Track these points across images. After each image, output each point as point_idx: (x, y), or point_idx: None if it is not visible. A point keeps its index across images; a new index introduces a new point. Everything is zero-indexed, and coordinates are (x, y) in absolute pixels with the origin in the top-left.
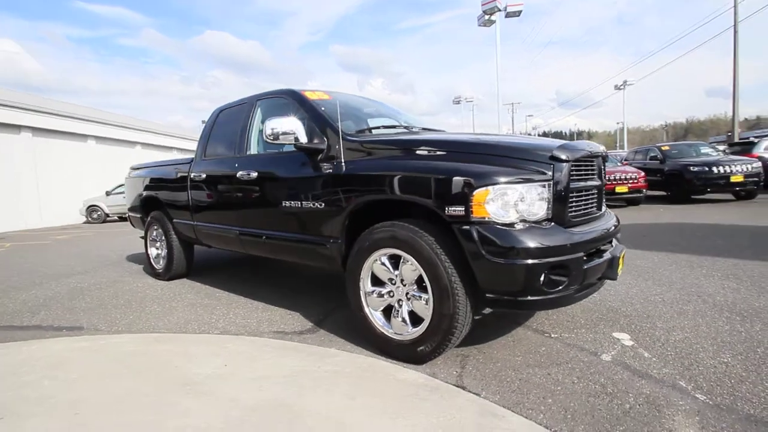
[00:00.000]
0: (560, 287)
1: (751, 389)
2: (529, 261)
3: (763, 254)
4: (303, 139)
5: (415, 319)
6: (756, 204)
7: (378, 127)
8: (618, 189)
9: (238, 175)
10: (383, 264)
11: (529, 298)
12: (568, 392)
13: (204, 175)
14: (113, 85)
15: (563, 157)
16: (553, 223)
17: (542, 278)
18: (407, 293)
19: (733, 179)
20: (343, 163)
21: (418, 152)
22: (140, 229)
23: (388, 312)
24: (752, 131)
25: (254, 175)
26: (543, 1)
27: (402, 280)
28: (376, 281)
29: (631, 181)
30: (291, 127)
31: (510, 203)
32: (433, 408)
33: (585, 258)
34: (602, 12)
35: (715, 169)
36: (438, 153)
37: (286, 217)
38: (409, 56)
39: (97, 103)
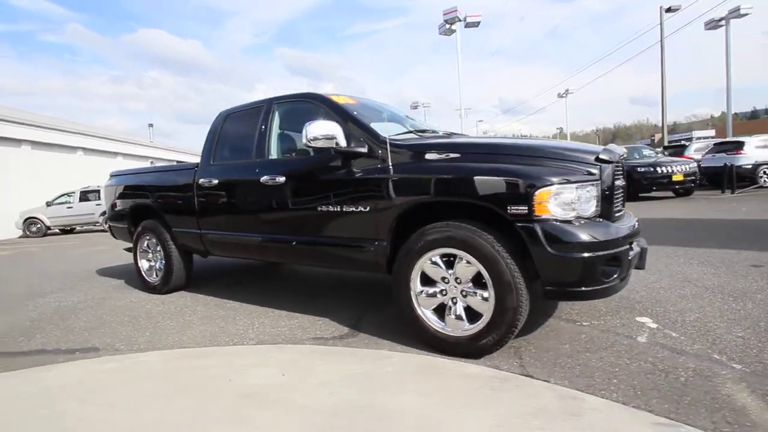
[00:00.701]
0: (613, 277)
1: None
2: (589, 254)
3: (724, 243)
4: (343, 143)
5: (472, 315)
6: (693, 200)
7: (411, 131)
8: (675, 178)
9: (261, 181)
10: (436, 264)
11: (586, 288)
12: (626, 372)
13: (216, 182)
14: (35, 84)
15: (607, 158)
16: (602, 219)
17: (599, 269)
18: (462, 291)
19: (674, 178)
20: (390, 167)
21: (472, 156)
22: (124, 241)
23: (438, 310)
24: (672, 135)
25: (281, 179)
26: (486, 16)
27: (456, 279)
28: (426, 281)
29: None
30: (331, 131)
31: (567, 201)
32: (512, 397)
33: (629, 249)
34: (539, 27)
35: (659, 170)
36: (493, 156)
37: (322, 222)
38: (358, 62)
39: (17, 104)
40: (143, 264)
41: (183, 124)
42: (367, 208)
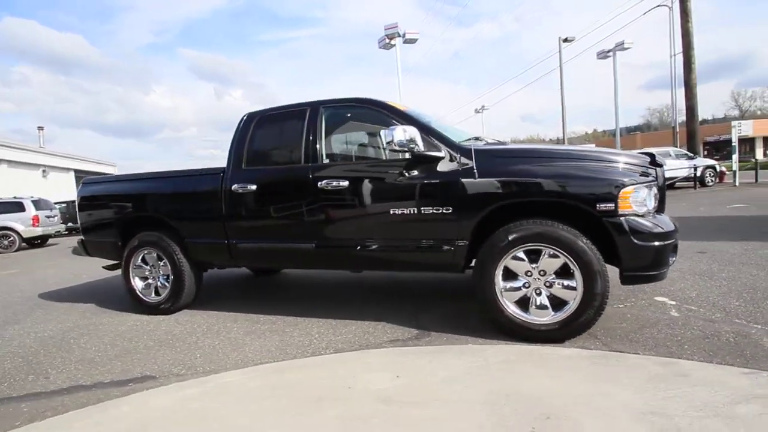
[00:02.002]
0: (672, 261)
1: None
2: (661, 242)
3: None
4: (422, 147)
5: (555, 303)
6: None
7: (470, 139)
8: None
9: (319, 185)
10: (519, 258)
11: (656, 272)
12: (689, 339)
13: (253, 187)
14: None
15: (659, 162)
16: (660, 213)
17: (667, 255)
18: (546, 282)
19: None
20: (476, 171)
21: (550, 160)
22: (103, 258)
23: (519, 302)
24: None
25: (344, 183)
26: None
27: (540, 271)
28: (507, 275)
29: None
30: (412, 135)
31: (641, 199)
32: (623, 369)
33: None
34: (445, 48)
35: None
36: (567, 160)
37: (395, 225)
38: (270, 69)
39: None
40: (137, 283)
41: (67, 129)
42: (450, 210)
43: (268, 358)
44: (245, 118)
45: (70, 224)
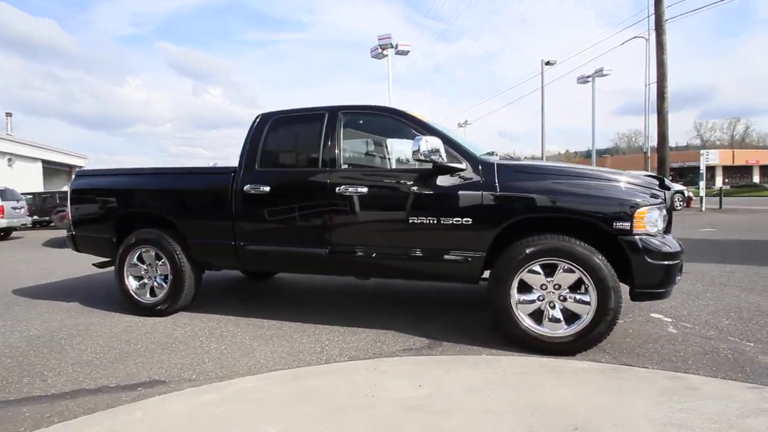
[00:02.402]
0: (678, 279)
1: (765, 335)
2: (671, 262)
3: None
4: (445, 158)
5: (568, 317)
6: None
7: (486, 153)
8: None
9: (337, 191)
10: (535, 272)
11: (664, 289)
12: (691, 355)
13: (266, 189)
14: None
15: (667, 185)
16: (667, 234)
17: (675, 273)
18: (560, 296)
19: None
20: (497, 184)
21: (565, 178)
22: (94, 255)
23: (532, 315)
24: None
25: (363, 190)
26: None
27: (555, 285)
28: (523, 288)
29: None
30: (437, 146)
31: (653, 220)
32: (636, 383)
33: None
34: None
35: None
36: (581, 179)
37: (414, 234)
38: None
39: None
40: (131, 283)
41: (33, 117)
42: (469, 222)
43: (281, 364)
44: (259, 118)
45: (35, 217)
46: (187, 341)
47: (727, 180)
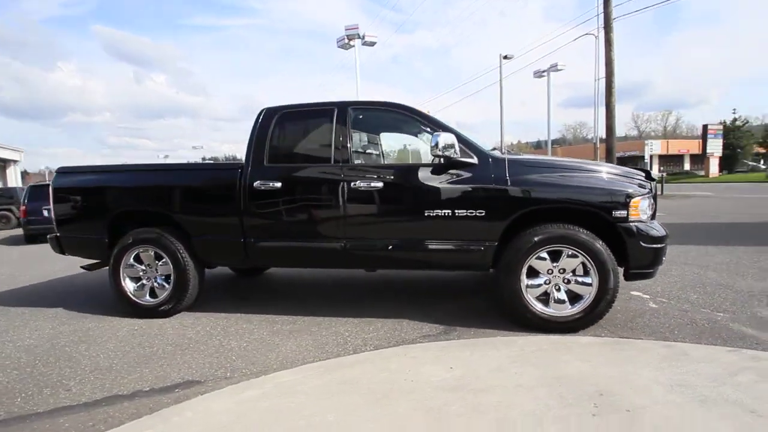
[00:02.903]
0: (663, 260)
1: (729, 306)
2: (660, 245)
3: None
4: (458, 153)
5: (571, 298)
6: None
7: (494, 149)
8: None
9: (353, 185)
10: (542, 258)
11: (653, 269)
12: (676, 326)
13: (278, 185)
14: None
15: (652, 177)
16: (653, 220)
17: (662, 255)
18: (564, 279)
19: None
20: (508, 178)
21: (566, 171)
22: (85, 257)
23: (539, 297)
24: None
25: (379, 185)
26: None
27: (560, 269)
28: (530, 273)
29: None
30: (452, 142)
31: (644, 207)
32: (637, 352)
33: None
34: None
35: None
36: (580, 172)
37: (430, 226)
38: (200, 56)
39: None
40: (128, 285)
41: None
42: (482, 213)
43: (309, 357)
44: (264, 113)
45: None
46: (204, 341)
47: (662, 168)
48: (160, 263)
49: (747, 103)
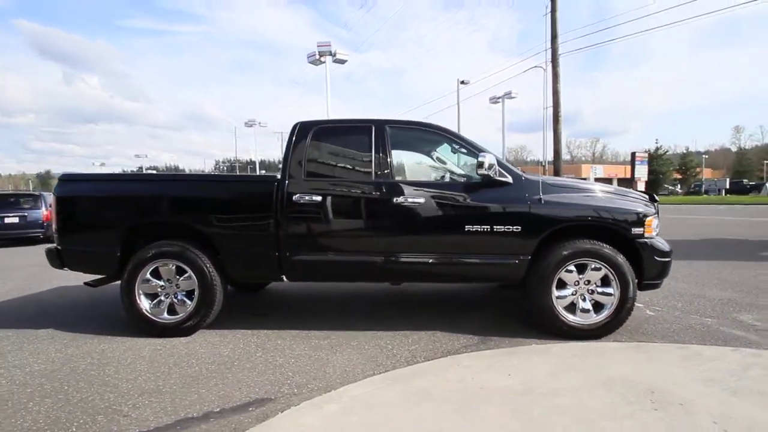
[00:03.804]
0: (668, 271)
1: (711, 312)
2: (669, 258)
3: None
4: (497, 174)
5: (595, 307)
6: None
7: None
8: None
9: (395, 201)
10: (570, 270)
11: (660, 281)
12: (678, 330)
13: (318, 198)
14: None
15: (655, 198)
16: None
17: (669, 268)
18: (589, 290)
19: None
20: (541, 197)
21: (595, 193)
22: (90, 273)
23: (567, 307)
24: None
25: (420, 200)
26: (298, 51)
27: (586, 281)
28: (559, 285)
29: None
30: (493, 162)
31: (655, 225)
32: (659, 354)
33: None
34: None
35: None
36: (609, 196)
37: (469, 241)
38: (139, 60)
39: None
40: (143, 303)
41: None
42: (519, 229)
43: (367, 370)
44: (298, 127)
45: None
46: (246, 357)
47: None
48: (182, 278)
49: (662, 134)
